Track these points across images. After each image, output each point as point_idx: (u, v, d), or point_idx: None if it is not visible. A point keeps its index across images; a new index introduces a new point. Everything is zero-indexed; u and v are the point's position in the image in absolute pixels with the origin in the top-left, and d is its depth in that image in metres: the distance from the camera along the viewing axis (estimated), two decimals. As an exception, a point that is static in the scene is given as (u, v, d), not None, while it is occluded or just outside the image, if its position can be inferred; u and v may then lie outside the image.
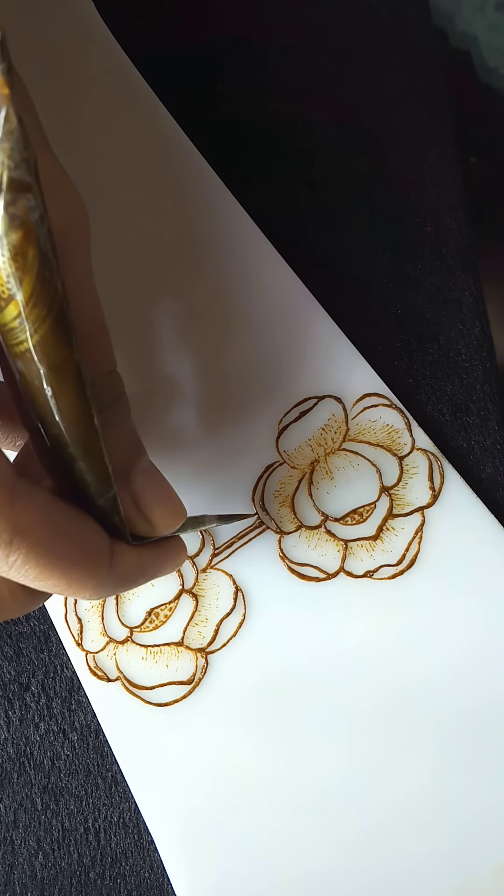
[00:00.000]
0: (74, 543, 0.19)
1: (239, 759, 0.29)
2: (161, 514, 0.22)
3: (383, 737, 0.29)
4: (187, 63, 0.33)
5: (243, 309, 0.31)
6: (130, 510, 0.22)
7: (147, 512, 0.22)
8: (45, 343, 0.17)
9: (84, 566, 0.19)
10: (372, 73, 0.33)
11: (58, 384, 0.17)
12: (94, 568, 0.19)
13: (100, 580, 0.20)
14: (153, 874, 0.29)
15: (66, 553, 0.19)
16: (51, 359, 0.17)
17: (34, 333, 0.16)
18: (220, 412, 0.30)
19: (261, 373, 0.30)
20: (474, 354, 0.31)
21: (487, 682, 0.29)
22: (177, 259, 0.31)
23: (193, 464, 0.30)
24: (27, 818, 0.30)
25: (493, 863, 0.28)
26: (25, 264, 0.15)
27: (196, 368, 0.31)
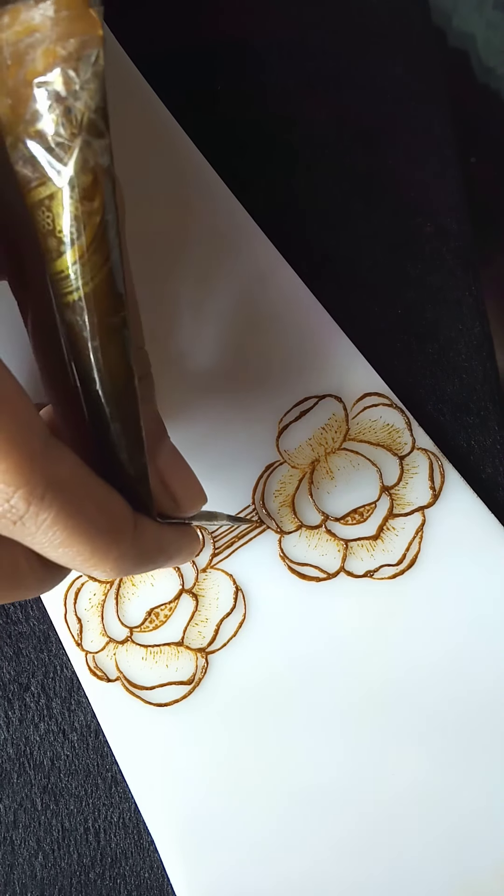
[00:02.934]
0: (103, 509, 0.18)
1: (239, 759, 0.29)
2: (185, 492, 0.22)
3: (383, 736, 0.29)
4: (188, 63, 0.33)
5: (244, 308, 0.31)
6: (156, 487, 0.22)
7: (172, 489, 0.22)
8: (99, 293, 0.16)
9: (110, 535, 0.18)
10: (372, 73, 0.34)
11: (105, 336, 0.17)
12: (119, 537, 0.19)
13: (122, 551, 0.19)
14: (153, 874, 0.29)
15: (95, 518, 0.18)
16: (102, 310, 0.17)
17: (89, 281, 0.16)
18: (221, 412, 0.30)
19: (261, 372, 0.30)
20: (474, 354, 0.31)
21: (487, 681, 0.29)
22: (177, 259, 0.31)
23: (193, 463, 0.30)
24: (27, 818, 0.30)
25: (493, 862, 0.28)
26: (92, 209, 0.16)
27: (196, 368, 0.31)
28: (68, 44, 0.15)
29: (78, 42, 0.15)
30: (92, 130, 0.15)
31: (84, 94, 0.15)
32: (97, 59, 0.15)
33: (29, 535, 0.17)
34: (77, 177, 0.15)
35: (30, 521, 0.17)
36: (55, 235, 0.16)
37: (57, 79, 0.15)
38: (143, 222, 0.32)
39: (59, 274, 0.16)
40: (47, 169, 0.16)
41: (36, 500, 0.16)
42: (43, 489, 0.16)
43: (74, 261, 0.16)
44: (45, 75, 0.15)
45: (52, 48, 0.15)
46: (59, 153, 0.15)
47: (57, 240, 0.16)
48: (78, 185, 0.15)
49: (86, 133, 0.15)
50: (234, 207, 0.31)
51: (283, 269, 0.31)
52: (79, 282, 0.16)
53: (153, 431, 0.22)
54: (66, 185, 0.15)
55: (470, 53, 0.35)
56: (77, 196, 0.15)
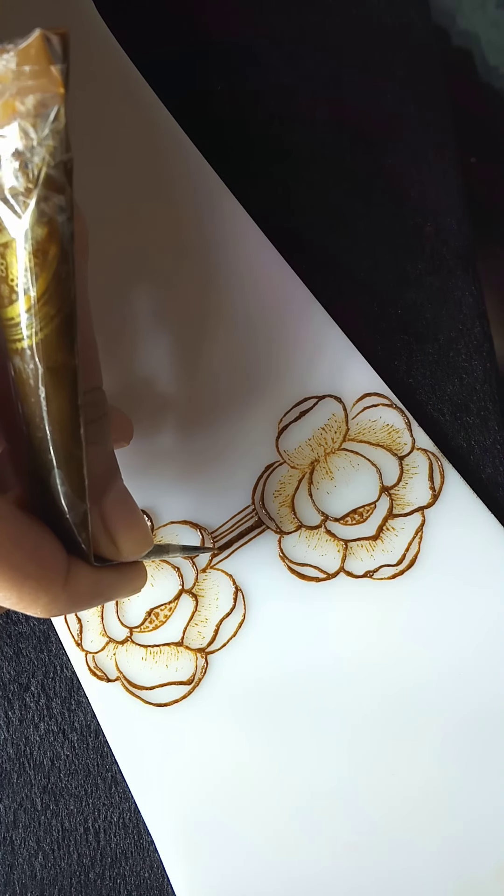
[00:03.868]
0: (31, 557, 0.19)
1: (239, 759, 0.29)
2: (128, 539, 0.22)
3: (383, 736, 0.28)
4: (187, 63, 0.33)
5: (243, 309, 0.31)
6: (98, 531, 0.22)
7: (114, 535, 0.22)
8: (48, 343, 0.16)
9: (38, 581, 0.19)
10: (372, 73, 0.33)
11: (53, 386, 0.17)
12: (47, 584, 0.19)
13: (52, 597, 0.19)
14: (153, 874, 0.29)
15: (22, 566, 0.18)
16: (51, 360, 0.17)
17: (39, 331, 0.16)
18: (221, 412, 0.30)
19: (261, 373, 0.30)
20: (474, 354, 0.31)
21: (488, 681, 0.29)
22: (177, 259, 0.31)
23: (193, 463, 0.30)
24: (27, 818, 0.30)
25: (493, 863, 0.28)
26: (45, 261, 0.16)
27: (196, 368, 0.31)
28: (27, 99, 0.14)
29: (37, 99, 0.14)
30: (49, 185, 0.15)
31: (42, 150, 0.15)
32: (57, 116, 0.15)
33: None
34: (32, 229, 0.15)
35: None
36: (7, 283, 0.16)
37: (14, 133, 0.15)
38: (143, 222, 0.32)
39: (9, 321, 0.16)
40: (2, 218, 0.15)
41: None
42: None
43: (26, 309, 0.16)
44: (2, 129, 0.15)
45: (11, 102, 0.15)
46: (14, 205, 0.15)
47: (9, 287, 0.16)
48: (32, 237, 0.15)
49: (42, 188, 0.15)
50: (234, 207, 0.31)
51: (282, 268, 0.31)
52: (29, 331, 0.16)
53: (101, 475, 0.22)
54: (21, 236, 0.15)
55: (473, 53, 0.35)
56: (31, 248, 0.15)
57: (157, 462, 0.30)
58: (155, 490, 0.30)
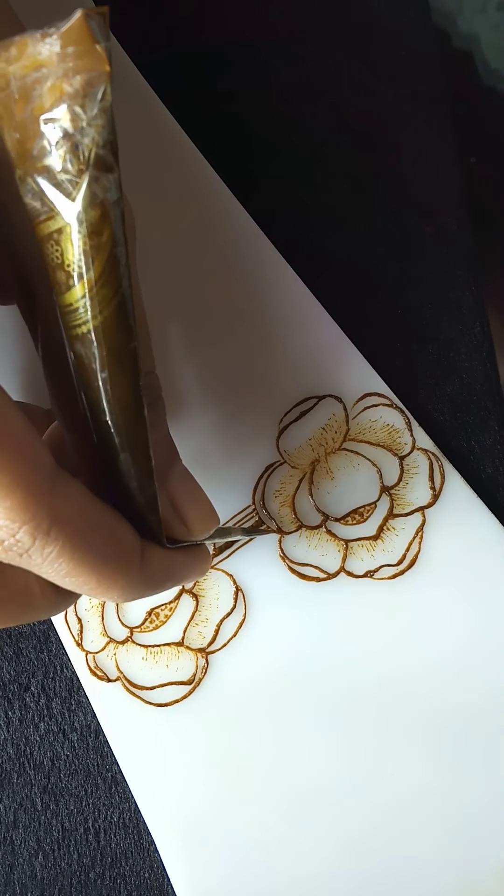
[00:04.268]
0: (109, 540, 0.19)
1: (239, 759, 0.29)
2: (197, 517, 0.22)
3: (383, 736, 0.29)
4: (188, 63, 0.33)
5: (244, 309, 0.31)
6: (167, 511, 0.22)
7: (183, 514, 0.22)
8: (108, 326, 0.17)
9: (116, 565, 0.19)
10: (372, 74, 0.34)
11: (114, 368, 0.17)
12: (126, 566, 0.19)
13: (129, 580, 0.19)
14: (153, 874, 0.29)
15: (101, 550, 0.18)
16: (111, 342, 0.17)
17: (98, 314, 0.16)
18: (221, 412, 0.30)
19: (261, 373, 0.30)
20: (474, 354, 0.31)
21: (487, 681, 0.29)
22: (177, 259, 0.31)
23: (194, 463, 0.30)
24: (27, 818, 0.30)
25: (493, 863, 0.28)
26: (100, 243, 0.16)
27: (196, 368, 0.31)
28: (75, 80, 0.15)
29: (84, 79, 0.14)
30: (100, 166, 0.15)
31: (91, 130, 0.15)
32: (104, 95, 0.15)
33: (36, 566, 0.18)
34: (85, 212, 0.15)
35: (36, 553, 0.17)
36: (64, 269, 0.16)
37: (63, 116, 0.15)
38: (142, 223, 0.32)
39: (68, 307, 0.16)
40: (55, 204, 0.16)
41: (41, 535, 0.17)
42: (48, 524, 0.17)
43: (83, 294, 0.16)
44: (51, 112, 0.15)
45: (58, 84, 0.15)
46: (67, 188, 0.15)
47: (65, 273, 0.16)
48: (86, 220, 0.15)
49: (94, 169, 0.15)
50: (235, 208, 0.31)
51: (283, 269, 0.31)
52: (88, 315, 0.16)
53: (164, 457, 0.22)
54: (75, 220, 0.15)
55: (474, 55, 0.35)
56: (85, 231, 0.15)
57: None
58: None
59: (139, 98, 0.32)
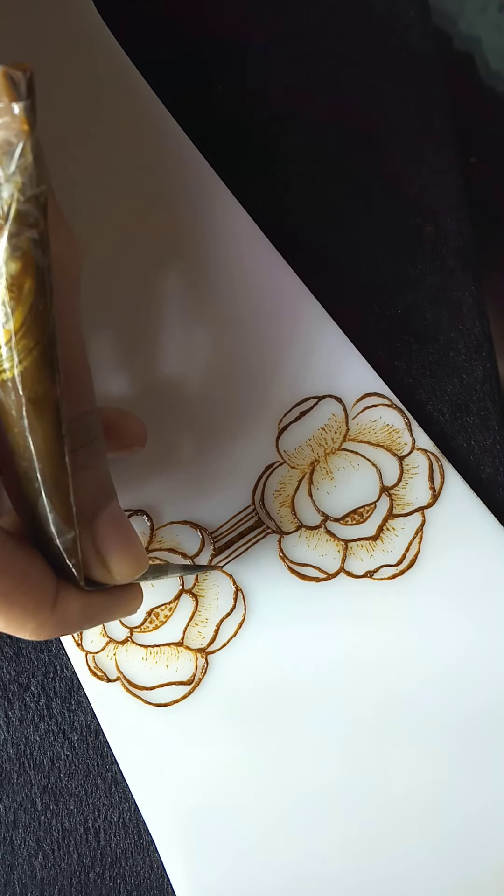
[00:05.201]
0: (19, 584, 0.19)
1: (239, 760, 0.29)
2: (120, 563, 0.22)
3: (383, 736, 0.29)
4: (187, 63, 0.33)
5: (243, 309, 0.31)
6: (90, 555, 0.22)
7: (107, 559, 0.22)
8: (28, 375, 0.17)
9: (24, 608, 0.19)
10: (372, 73, 0.33)
11: (35, 417, 0.17)
12: (35, 610, 0.19)
13: (40, 622, 0.20)
14: (153, 874, 0.29)
15: (9, 592, 0.19)
16: (31, 391, 0.17)
17: (19, 363, 0.16)
18: (220, 412, 0.30)
19: (261, 373, 0.30)
20: (474, 354, 0.31)
21: (487, 681, 0.29)
22: (176, 259, 0.31)
23: (194, 463, 0.30)
24: (27, 818, 0.30)
25: (493, 863, 0.28)
26: (20, 295, 0.16)
27: (196, 368, 0.31)
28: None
29: (2, 136, 0.14)
30: (21, 220, 0.15)
31: (10, 186, 0.15)
32: (23, 153, 0.14)
33: None
34: (5, 265, 0.15)
35: None
36: None
37: None
38: (142, 223, 0.32)
39: None
40: None
41: None
42: None
43: (4, 342, 0.16)
44: None
45: None
46: None
47: None
48: (5, 272, 0.15)
49: (14, 223, 0.15)
50: (234, 207, 0.31)
51: (282, 268, 0.31)
52: (8, 363, 0.16)
53: (95, 498, 0.22)
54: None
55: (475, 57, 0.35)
56: (5, 283, 0.15)
57: (158, 462, 0.30)
58: (155, 490, 0.30)
59: (139, 98, 0.32)
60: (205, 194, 0.31)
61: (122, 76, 0.32)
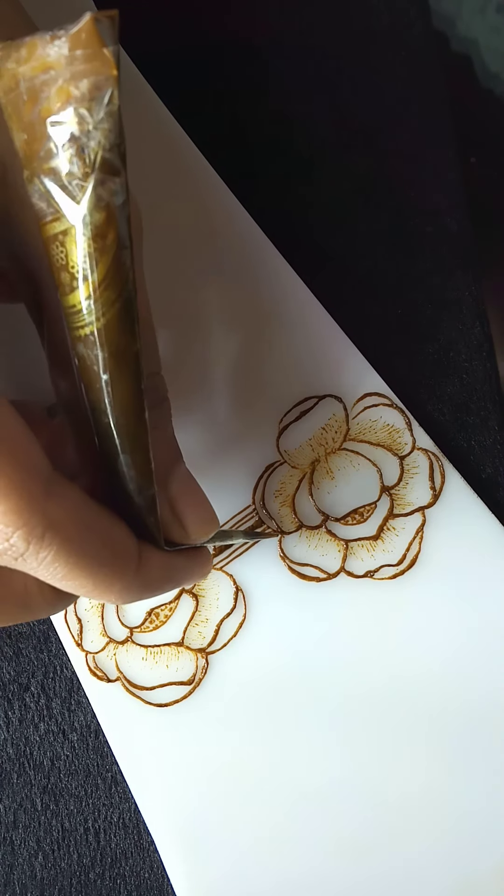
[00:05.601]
0: (105, 544, 0.19)
1: (239, 760, 0.29)
2: (196, 521, 0.22)
3: (384, 736, 0.29)
4: (188, 63, 0.33)
5: (244, 309, 0.31)
6: (166, 514, 0.22)
7: (182, 517, 0.22)
8: (111, 328, 0.17)
9: (112, 568, 0.19)
10: (372, 74, 0.34)
11: (116, 371, 0.17)
12: (122, 570, 0.19)
13: (126, 583, 0.19)
14: (153, 874, 0.29)
15: (96, 553, 0.18)
16: (113, 344, 0.17)
17: (101, 317, 0.16)
18: (221, 412, 0.30)
19: (261, 373, 0.30)
20: (474, 354, 0.31)
21: (487, 681, 0.29)
22: (176, 259, 0.31)
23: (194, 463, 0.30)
24: (27, 818, 0.30)
25: (493, 863, 0.28)
26: (104, 245, 0.16)
27: (196, 368, 0.31)
28: (81, 84, 0.14)
29: (91, 82, 0.14)
30: (106, 169, 0.15)
31: (97, 133, 0.15)
32: (111, 99, 0.15)
33: (31, 569, 0.18)
34: (90, 214, 0.15)
35: (30, 557, 0.17)
36: (68, 270, 0.16)
37: (70, 119, 0.15)
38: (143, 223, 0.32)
39: (71, 308, 0.16)
40: (61, 205, 0.16)
41: (35, 540, 0.17)
42: (42, 529, 0.17)
43: (87, 297, 0.16)
44: (58, 115, 0.15)
45: (65, 87, 0.15)
46: (73, 191, 0.15)
47: (69, 275, 0.16)
48: (91, 222, 0.15)
49: (99, 172, 0.15)
50: (234, 207, 0.31)
51: (283, 269, 0.31)
52: (91, 317, 0.16)
53: (166, 459, 0.22)
54: (80, 222, 0.15)
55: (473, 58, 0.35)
56: (90, 234, 0.15)
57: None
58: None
59: (139, 98, 0.32)
60: (205, 194, 0.31)
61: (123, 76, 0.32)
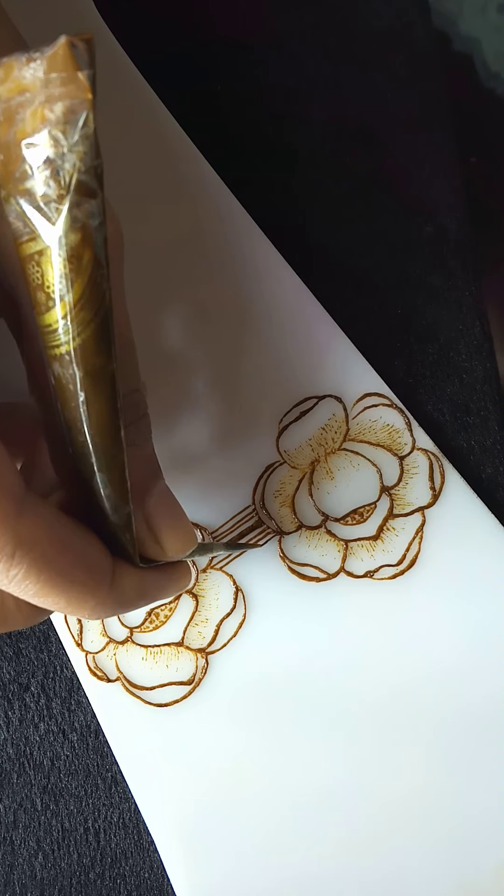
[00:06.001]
0: (77, 562, 0.19)
1: (239, 760, 0.29)
2: (172, 539, 0.22)
3: (383, 736, 0.29)
4: (187, 63, 0.33)
5: (243, 309, 0.31)
6: (142, 531, 0.22)
7: (159, 535, 0.22)
8: (86, 348, 0.17)
9: (85, 586, 0.19)
10: (372, 73, 0.33)
11: (92, 391, 0.17)
12: (94, 588, 0.19)
13: (99, 600, 0.20)
14: (153, 874, 0.29)
15: (68, 571, 0.19)
16: (89, 364, 0.17)
17: (76, 336, 0.16)
18: (221, 412, 0.30)
19: (261, 373, 0.30)
20: (474, 354, 0.31)
21: (487, 681, 0.29)
22: (177, 259, 0.31)
23: (193, 464, 0.30)
24: (27, 818, 0.30)
25: (493, 863, 0.28)
26: (80, 266, 0.16)
27: (196, 368, 0.31)
28: (56, 107, 0.15)
29: (66, 106, 0.15)
30: (81, 191, 0.15)
31: (72, 156, 0.15)
32: (86, 122, 0.15)
33: (3, 586, 0.18)
34: (65, 236, 0.15)
35: (1, 575, 0.18)
36: (44, 290, 0.16)
37: (45, 141, 0.15)
38: (142, 223, 0.32)
39: (47, 327, 0.17)
40: (36, 226, 0.16)
41: (5, 558, 0.17)
42: (12, 548, 0.17)
43: (62, 316, 0.16)
44: (32, 137, 0.15)
45: (40, 110, 0.15)
46: (48, 212, 0.15)
47: (45, 294, 0.16)
48: (66, 243, 0.15)
49: (74, 194, 0.15)
50: (234, 207, 0.31)
51: (283, 269, 0.31)
52: (66, 336, 0.16)
53: (144, 475, 0.22)
54: (55, 243, 0.16)
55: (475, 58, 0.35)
56: (65, 254, 0.16)
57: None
58: (155, 490, 0.30)
59: (139, 98, 0.32)
60: (205, 194, 0.31)
61: (122, 76, 0.32)
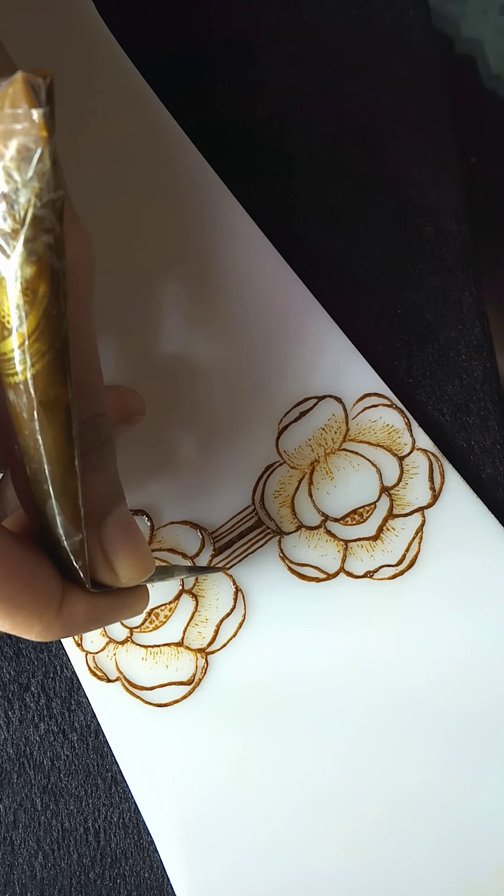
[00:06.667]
0: (25, 587, 0.19)
1: (239, 760, 0.29)
2: (127, 566, 0.22)
3: (383, 737, 0.29)
4: (187, 63, 0.33)
5: (243, 309, 0.31)
6: (97, 557, 0.22)
7: (113, 561, 0.22)
8: (40, 378, 0.17)
9: (31, 611, 0.19)
10: (372, 73, 0.33)
11: (46, 420, 0.17)
12: (40, 613, 0.20)
13: (45, 625, 0.20)
14: (153, 874, 0.29)
15: (14, 597, 0.19)
16: (43, 394, 0.17)
17: (31, 366, 0.16)
18: (221, 412, 0.30)
19: (261, 373, 0.30)
20: (474, 354, 0.31)
21: (488, 682, 0.29)
22: (176, 259, 0.31)
23: (194, 463, 0.30)
24: (27, 818, 0.30)
25: (493, 863, 0.28)
26: (35, 299, 0.16)
27: (195, 369, 0.31)
28: (11, 143, 0.14)
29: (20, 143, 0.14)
30: (37, 225, 0.15)
31: (27, 191, 0.15)
32: (41, 158, 0.14)
33: None
34: (20, 269, 0.15)
35: None
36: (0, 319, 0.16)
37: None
38: (142, 223, 0.32)
39: (3, 356, 0.17)
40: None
41: None
42: None
43: (18, 346, 0.16)
44: None
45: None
46: (3, 246, 0.15)
47: (0, 324, 0.16)
48: (21, 276, 0.15)
49: (30, 228, 0.15)
50: (234, 207, 0.31)
51: (282, 269, 0.31)
52: (21, 366, 0.16)
53: (104, 501, 0.22)
54: (10, 275, 0.15)
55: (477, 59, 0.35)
56: (20, 287, 0.15)
57: (158, 462, 0.30)
58: (155, 490, 0.30)
59: (139, 98, 0.32)
60: (205, 194, 0.31)
61: (122, 76, 0.32)
